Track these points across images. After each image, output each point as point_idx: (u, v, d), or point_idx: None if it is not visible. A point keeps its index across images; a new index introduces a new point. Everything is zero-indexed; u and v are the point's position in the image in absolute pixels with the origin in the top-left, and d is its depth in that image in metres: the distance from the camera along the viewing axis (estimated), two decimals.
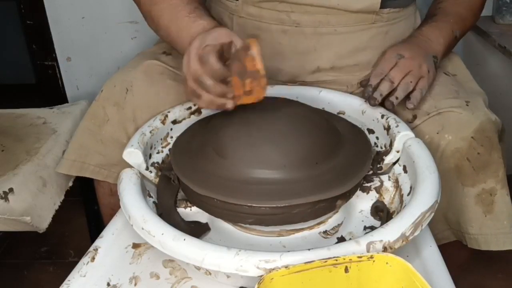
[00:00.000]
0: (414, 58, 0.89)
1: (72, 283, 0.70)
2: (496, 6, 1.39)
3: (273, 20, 1.00)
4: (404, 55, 0.90)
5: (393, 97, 0.85)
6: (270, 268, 0.59)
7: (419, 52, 0.91)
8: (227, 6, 1.04)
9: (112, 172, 0.96)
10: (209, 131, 0.80)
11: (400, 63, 0.88)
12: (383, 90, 0.86)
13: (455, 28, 0.99)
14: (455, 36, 0.99)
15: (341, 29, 0.98)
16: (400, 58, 0.89)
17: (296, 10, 0.98)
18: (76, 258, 1.45)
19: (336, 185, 0.71)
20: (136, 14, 1.49)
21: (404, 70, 0.87)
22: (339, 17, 0.97)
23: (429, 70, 0.89)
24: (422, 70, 0.88)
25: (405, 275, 0.59)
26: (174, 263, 0.72)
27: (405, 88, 0.86)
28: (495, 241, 0.84)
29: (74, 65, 1.58)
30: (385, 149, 0.84)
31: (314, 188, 0.71)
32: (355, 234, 0.76)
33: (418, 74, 0.88)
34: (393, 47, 0.93)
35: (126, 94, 0.94)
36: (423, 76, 0.88)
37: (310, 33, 0.99)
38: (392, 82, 0.86)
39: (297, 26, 0.99)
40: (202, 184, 0.73)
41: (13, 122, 1.21)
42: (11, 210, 0.96)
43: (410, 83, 0.87)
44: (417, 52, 0.91)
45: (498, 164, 0.84)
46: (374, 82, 0.87)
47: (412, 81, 0.87)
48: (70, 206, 1.13)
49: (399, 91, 0.86)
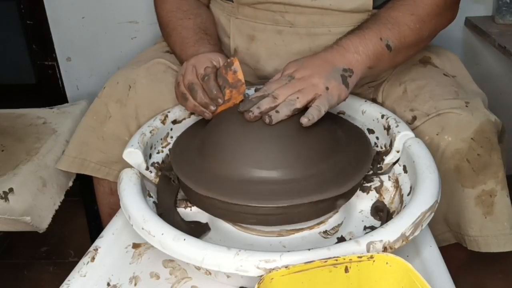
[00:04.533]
0: (306, 78, 0.78)
1: (72, 283, 0.70)
2: (496, 6, 1.39)
3: (268, 20, 1.00)
4: (295, 76, 0.79)
5: (273, 111, 0.75)
6: (270, 268, 0.59)
7: (317, 70, 0.79)
8: (224, 8, 1.05)
9: (112, 170, 0.97)
10: (209, 131, 0.80)
11: (289, 84, 0.78)
12: (262, 104, 0.75)
13: (386, 35, 0.85)
14: (386, 45, 0.85)
15: (335, 29, 0.98)
16: (290, 80, 0.79)
17: (290, 10, 0.98)
18: (76, 258, 1.45)
19: (336, 185, 0.72)
20: (136, 14, 1.50)
21: (291, 89, 0.77)
22: (333, 18, 0.97)
23: (328, 87, 0.77)
24: (317, 88, 0.77)
25: (405, 275, 0.59)
26: (174, 263, 0.72)
27: (289, 104, 0.75)
28: (495, 243, 0.84)
29: (74, 65, 1.58)
30: (385, 149, 0.84)
31: (314, 188, 0.71)
32: (355, 234, 0.76)
33: (311, 93, 0.76)
34: (291, 63, 0.83)
35: (129, 91, 0.94)
36: (320, 94, 0.77)
37: (304, 34, 0.99)
38: (275, 98, 0.76)
39: (291, 27, 0.99)
40: (202, 184, 0.73)
41: (13, 122, 1.21)
42: (11, 210, 0.96)
43: (297, 99, 0.75)
44: (313, 70, 0.79)
45: (498, 165, 0.84)
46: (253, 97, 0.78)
47: (299, 97, 0.76)
48: (70, 206, 1.13)
49: (281, 106, 0.75)
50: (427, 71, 0.99)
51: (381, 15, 0.89)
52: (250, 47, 1.04)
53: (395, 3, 0.90)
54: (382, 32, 0.85)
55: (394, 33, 0.86)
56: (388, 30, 0.86)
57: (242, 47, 1.05)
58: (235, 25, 1.04)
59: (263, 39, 1.02)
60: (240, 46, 1.05)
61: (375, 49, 0.84)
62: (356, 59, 0.82)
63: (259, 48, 1.03)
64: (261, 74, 1.05)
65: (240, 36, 1.04)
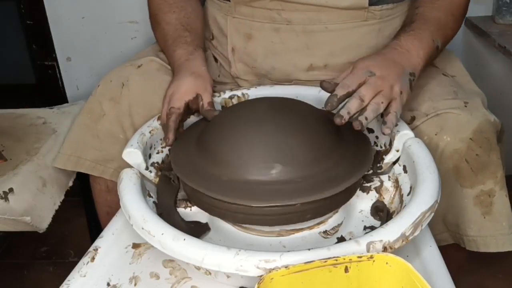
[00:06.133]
0: (386, 77, 0.78)
1: (72, 283, 0.70)
2: (496, 6, 1.39)
3: (265, 18, 1.01)
4: (376, 73, 0.78)
5: (363, 117, 0.74)
6: (270, 268, 0.59)
7: (392, 71, 0.80)
8: (221, 7, 1.05)
9: (108, 167, 0.97)
10: (208, 131, 0.80)
11: (371, 81, 0.77)
12: (352, 108, 0.75)
13: (436, 37, 0.88)
14: (436, 46, 0.88)
15: (332, 27, 0.98)
16: (370, 75, 0.78)
17: (286, 8, 0.98)
18: (76, 258, 1.45)
19: (335, 184, 0.71)
20: (136, 14, 1.50)
21: (375, 89, 0.77)
22: (330, 15, 0.98)
23: (401, 91, 0.79)
24: (394, 92, 0.78)
25: (405, 275, 0.59)
26: (174, 263, 0.72)
27: (375, 109, 0.76)
28: (494, 243, 0.84)
29: (74, 65, 1.58)
30: (385, 149, 0.84)
31: (314, 187, 0.71)
32: (355, 234, 0.76)
33: (389, 96, 0.78)
34: (364, 60, 0.82)
35: (122, 88, 0.94)
36: (395, 98, 0.78)
37: (301, 31, 1.00)
38: (362, 100, 0.75)
39: (288, 24, 1.00)
40: (202, 184, 0.73)
41: (13, 122, 1.21)
42: (11, 210, 0.96)
43: (381, 104, 0.76)
44: (390, 70, 0.80)
45: (496, 165, 0.84)
46: (340, 93, 0.76)
47: (383, 102, 0.76)
48: (70, 206, 1.13)
49: (368, 111, 0.75)
50: (426, 71, 0.99)
51: (428, 15, 0.91)
52: (247, 46, 1.04)
53: (436, 3, 0.93)
54: (434, 33, 0.88)
55: (441, 34, 0.90)
56: (437, 31, 0.89)
57: (240, 46, 1.05)
58: (232, 24, 1.04)
59: (260, 38, 1.02)
60: (238, 45, 1.05)
61: (430, 52, 0.87)
62: (419, 63, 0.85)
63: (256, 47, 1.03)
64: (259, 72, 1.05)
65: (237, 35, 1.04)
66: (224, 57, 1.09)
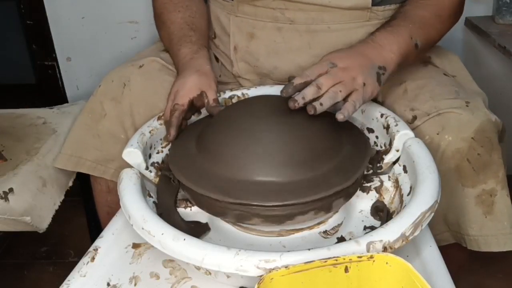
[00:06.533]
0: (348, 69, 0.78)
1: (72, 283, 0.70)
2: (496, 6, 1.39)
3: (268, 18, 1.01)
4: (338, 64, 0.79)
5: (317, 103, 0.74)
6: (270, 268, 0.59)
7: (357, 63, 0.80)
8: (224, 6, 1.05)
9: (108, 168, 0.97)
10: (208, 131, 0.80)
11: (332, 72, 0.78)
12: (307, 94, 0.75)
13: (415, 35, 0.87)
14: (414, 44, 0.87)
15: (334, 27, 0.99)
16: (332, 67, 0.78)
17: (289, 7, 0.98)
18: (76, 258, 1.45)
19: (335, 184, 0.71)
20: (136, 14, 1.50)
21: (334, 79, 0.77)
22: (333, 14, 0.98)
23: (365, 83, 0.78)
24: (356, 83, 0.78)
25: (405, 275, 0.59)
26: (174, 263, 0.72)
27: (332, 97, 0.75)
28: (495, 242, 0.84)
29: (74, 65, 1.58)
30: (385, 148, 0.84)
31: (313, 187, 0.71)
32: (355, 234, 0.76)
33: (350, 86, 0.77)
34: (331, 53, 0.83)
35: (124, 88, 0.94)
36: (357, 89, 0.78)
37: (304, 30, 1.00)
38: (319, 88, 0.76)
39: (291, 24, 1.00)
40: (202, 184, 0.73)
41: (13, 122, 1.21)
42: (11, 210, 0.96)
43: (340, 93, 0.76)
44: (354, 62, 0.80)
45: (498, 164, 0.84)
46: (297, 82, 0.76)
47: (342, 91, 0.76)
48: (70, 206, 1.13)
49: (325, 98, 0.75)
50: (427, 70, 0.99)
51: (410, 13, 0.90)
52: (249, 45, 1.04)
53: (421, 2, 0.92)
54: (413, 31, 0.87)
55: (422, 33, 0.88)
56: (417, 29, 0.88)
57: (242, 45, 1.05)
58: (234, 23, 1.04)
59: (262, 37, 1.02)
60: (240, 44, 1.05)
61: (406, 48, 0.86)
62: (391, 57, 0.84)
63: (258, 46, 1.03)
64: (261, 71, 1.05)
65: (239, 34, 1.04)
66: (226, 56, 1.09)
